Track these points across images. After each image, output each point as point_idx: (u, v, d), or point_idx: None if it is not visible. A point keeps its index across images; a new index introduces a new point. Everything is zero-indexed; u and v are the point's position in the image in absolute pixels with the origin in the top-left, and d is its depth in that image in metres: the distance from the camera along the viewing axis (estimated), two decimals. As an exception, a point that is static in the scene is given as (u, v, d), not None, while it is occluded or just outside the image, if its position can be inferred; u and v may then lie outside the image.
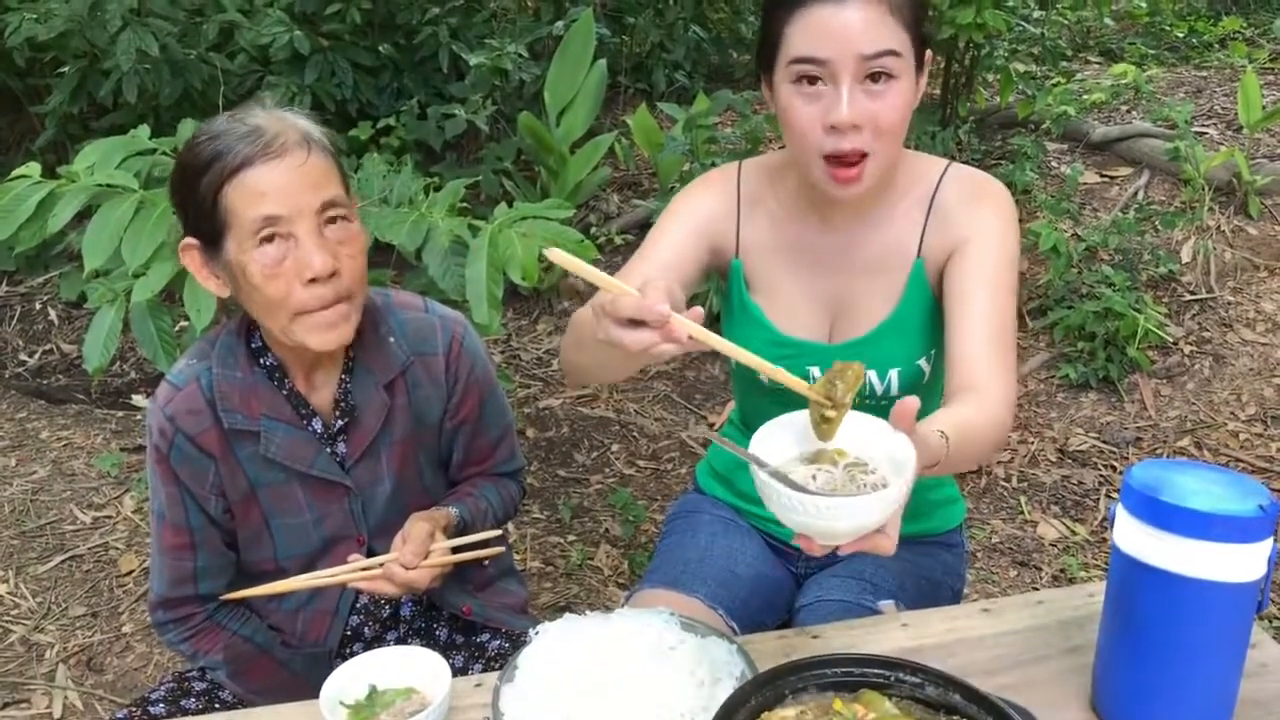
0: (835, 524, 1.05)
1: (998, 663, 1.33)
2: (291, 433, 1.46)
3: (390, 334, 1.50)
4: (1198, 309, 3.60)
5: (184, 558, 1.47)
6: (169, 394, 1.45)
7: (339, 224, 1.35)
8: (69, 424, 3.46)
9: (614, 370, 1.46)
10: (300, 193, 1.31)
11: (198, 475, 1.45)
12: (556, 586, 2.76)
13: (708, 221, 1.58)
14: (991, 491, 3.05)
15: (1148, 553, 1.14)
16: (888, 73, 1.36)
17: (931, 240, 1.51)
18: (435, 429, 1.55)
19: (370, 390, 1.48)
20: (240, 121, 1.33)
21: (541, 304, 4.10)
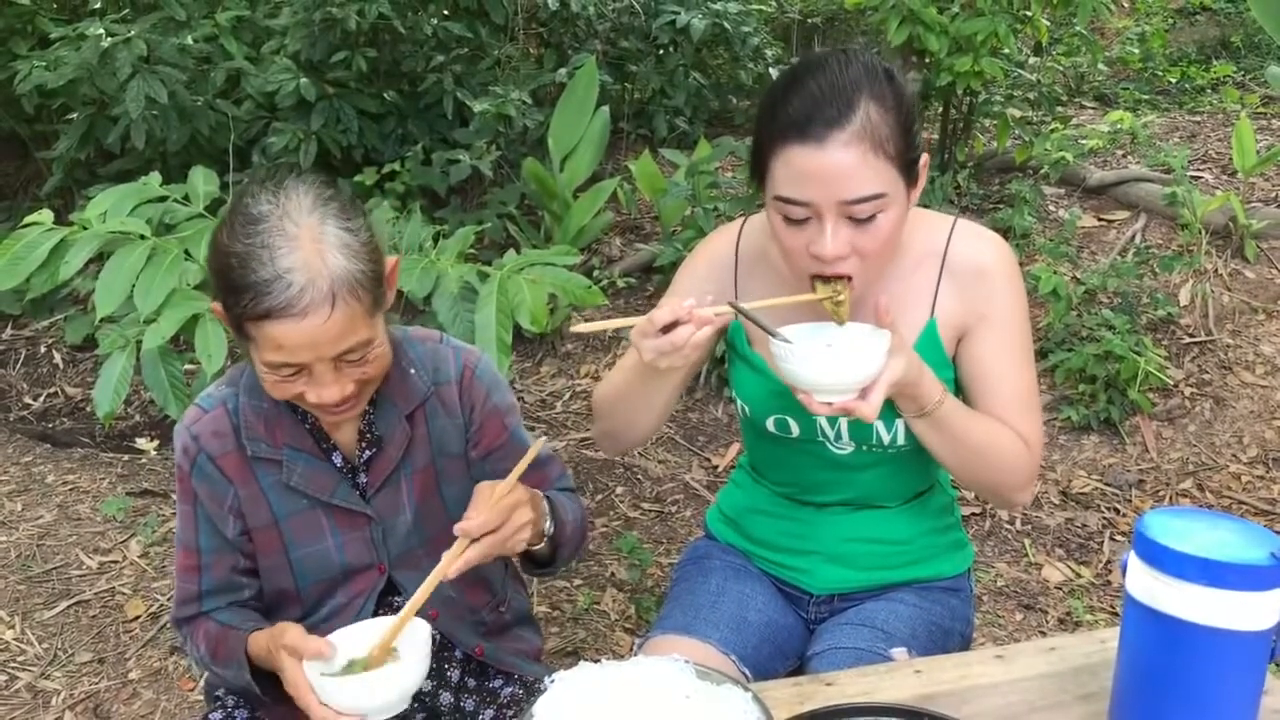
0: (821, 371, 1.34)
1: (1012, 709, 1.34)
2: (313, 464, 1.48)
3: (411, 365, 1.51)
4: (1197, 351, 3.63)
5: (190, 579, 1.50)
6: (196, 415, 1.49)
7: (360, 355, 1.35)
8: (74, 468, 3.46)
9: (659, 398, 1.58)
10: (319, 347, 1.30)
11: (216, 495, 1.48)
12: (564, 631, 2.75)
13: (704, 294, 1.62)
14: (996, 534, 3.06)
15: (1161, 600, 1.15)
16: (873, 210, 1.39)
17: (946, 305, 1.54)
18: (460, 461, 1.55)
19: (394, 421, 1.49)
20: (274, 250, 1.27)
21: (545, 347, 4.12)
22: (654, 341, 1.36)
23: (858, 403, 1.35)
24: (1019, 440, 1.52)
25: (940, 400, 1.45)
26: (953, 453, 1.51)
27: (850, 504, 1.67)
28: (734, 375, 1.66)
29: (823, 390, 1.36)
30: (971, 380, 1.56)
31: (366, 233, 1.35)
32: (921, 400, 1.44)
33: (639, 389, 1.54)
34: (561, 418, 3.80)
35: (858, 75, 1.37)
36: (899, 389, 1.40)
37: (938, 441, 1.50)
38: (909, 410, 1.47)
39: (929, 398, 1.44)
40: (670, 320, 1.34)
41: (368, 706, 1.27)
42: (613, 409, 1.62)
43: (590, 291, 2.37)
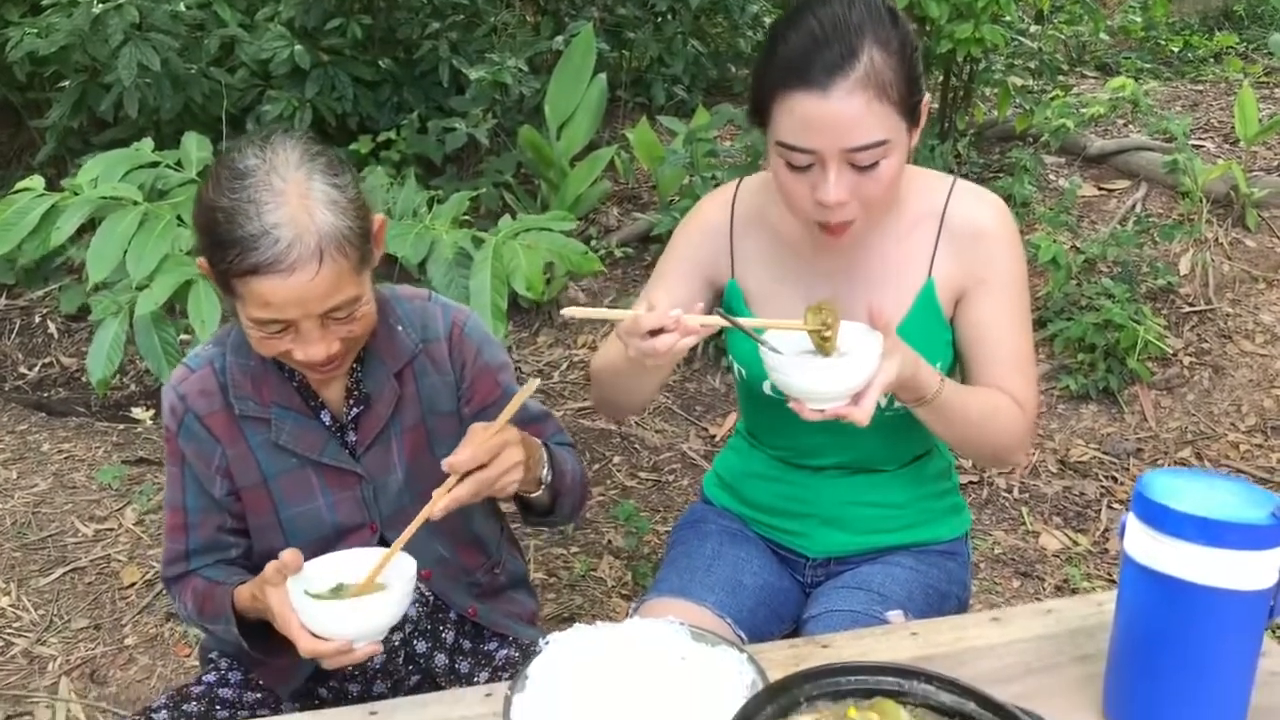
0: (814, 381, 1.32)
1: (1008, 671, 1.33)
2: (301, 422, 1.47)
3: (398, 323, 1.50)
4: (1197, 321, 3.61)
5: (177, 539, 1.50)
6: (183, 375, 1.48)
7: (347, 312, 1.34)
8: (70, 437, 3.45)
9: (648, 383, 1.56)
10: (306, 304, 1.29)
11: (204, 455, 1.47)
12: (560, 598, 2.75)
13: (699, 261, 1.63)
14: (993, 502, 3.05)
15: (1159, 561, 1.15)
16: (876, 157, 1.37)
17: (944, 266, 1.53)
18: (452, 420, 1.54)
19: (382, 379, 1.48)
20: (260, 205, 1.26)
21: (542, 317, 4.11)
22: (638, 342, 1.33)
23: (850, 409, 1.33)
24: (1014, 406, 1.51)
25: (938, 389, 1.43)
26: (950, 431, 1.50)
27: (847, 468, 1.66)
28: (731, 339, 1.65)
29: (814, 399, 1.34)
30: (968, 342, 1.54)
31: (354, 189, 1.34)
32: (919, 391, 1.42)
33: (627, 373, 1.53)
34: (559, 388, 3.78)
35: (860, 17, 1.35)
36: (894, 387, 1.38)
37: (936, 422, 1.48)
38: (907, 400, 1.45)
39: (926, 388, 1.42)
40: (656, 327, 1.31)
41: (352, 631, 1.27)
42: (609, 383, 1.61)
43: (587, 257, 2.35)
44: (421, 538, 1.56)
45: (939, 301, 1.53)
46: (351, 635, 1.28)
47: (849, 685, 1.08)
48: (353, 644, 1.28)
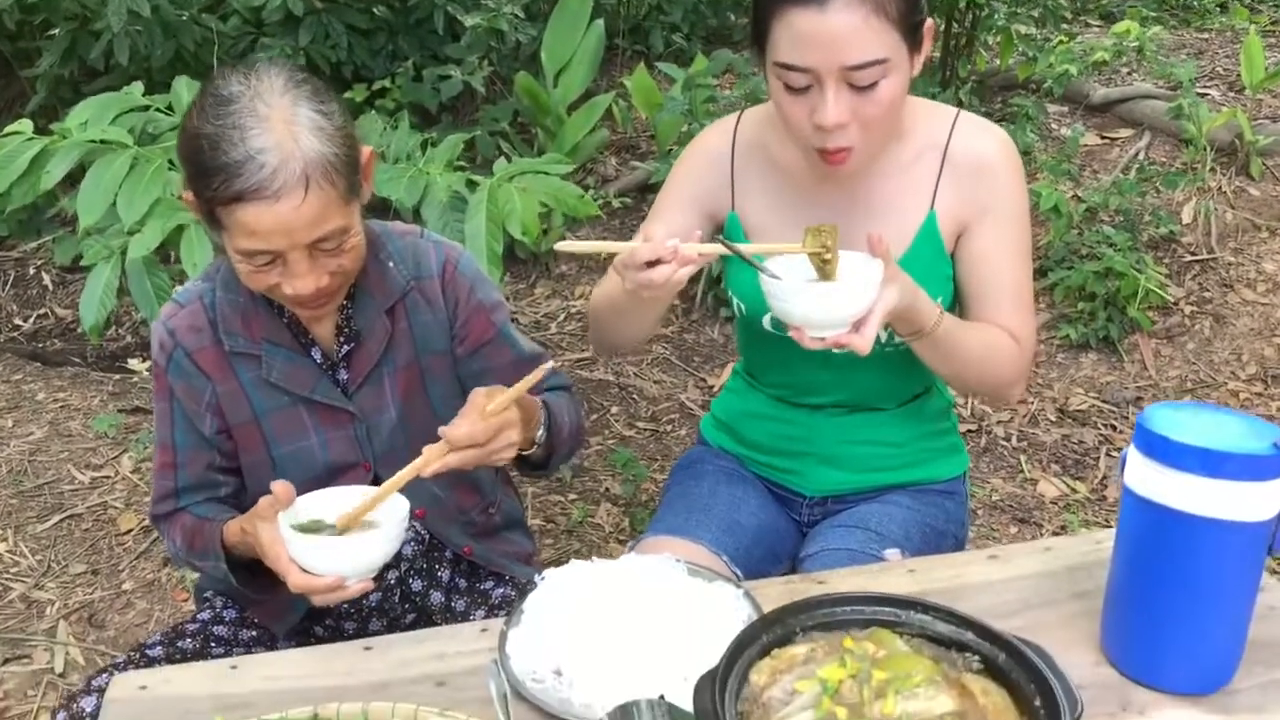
0: (814, 308, 1.30)
1: (1005, 607, 1.33)
2: (292, 359, 1.45)
3: (390, 259, 1.48)
4: (1198, 269, 3.59)
5: (166, 476, 1.49)
6: (172, 310, 1.47)
7: (334, 244, 1.31)
8: (65, 386, 3.44)
9: (646, 318, 1.54)
10: (293, 233, 1.27)
11: (193, 391, 1.46)
12: (558, 543, 2.75)
13: (700, 194, 1.60)
14: (992, 451, 3.05)
15: (1160, 493, 1.13)
16: (875, 77, 1.34)
17: (946, 197, 1.51)
18: (445, 359, 1.52)
19: (373, 315, 1.46)
20: (245, 130, 1.23)
21: (539, 268, 4.08)
22: (635, 275, 1.31)
23: (851, 336, 1.31)
24: (1011, 341, 1.50)
25: (937, 321, 1.41)
26: (948, 366, 1.49)
27: (846, 406, 1.65)
28: (730, 273, 1.62)
29: (814, 326, 1.32)
30: (968, 275, 1.52)
31: (340, 117, 1.31)
32: (917, 324, 1.41)
33: (625, 308, 1.51)
34: (556, 339, 3.77)
35: None
36: (893, 316, 1.36)
37: (932, 357, 1.47)
38: (905, 332, 1.44)
39: (925, 320, 1.41)
40: (652, 258, 1.30)
41: (341, 568, 1.26)
42: (607, 319, 1.59)
43: (583, 201, 2.32)
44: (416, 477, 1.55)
45: (940, 235, 1.51)
46: (341, 572, 1.27)
47: (845, 616, 1.07)
48: (344, 581, 1.27)
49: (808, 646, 1.04)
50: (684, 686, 1.15)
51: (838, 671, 0.99)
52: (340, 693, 1.22)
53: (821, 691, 0.98)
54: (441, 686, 1.24)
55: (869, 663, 1.01)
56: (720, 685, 0.96)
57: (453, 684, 1.25)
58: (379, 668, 1.28)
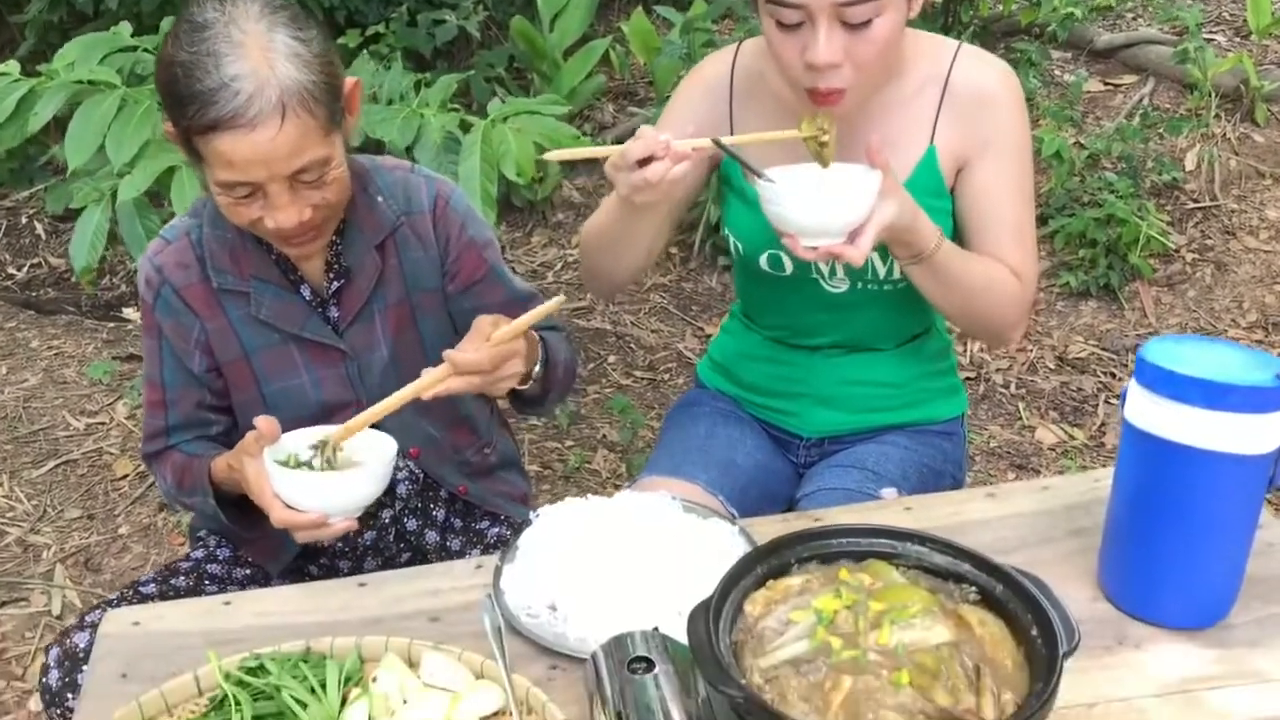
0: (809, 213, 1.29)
1: (1002, 544, 1.32)
2: (281, 295, 1.43)
3: (379, 194, 1.45)
4: (1201, 217, 3.55)
5: (156, 415, 1.48)
6: (159, 247, 1.44)
7: (315, 175, 1.28)
8: (59, 334, 3.42)
9: (639, 236, 1.50)
10: (271, 164, 1.24)
11: (181, 329, 1.44)
12: (554, 489, 2.75)
13: (697, 122, 1.55)
14: (990, 398, 3.04)
15: (1161, 426, 1.12)
16: (869, 14, 1.30)
17: (947, 131, 1.48)
18: (436, 296, 1.50)
19: (362, 251, 1.44)
20: (220, 57, 1.20)
21: (536, 216, 4.05)
22: (628, 176, 1.30)
23: (845, 247, 1.30)
24: (1012, 277, 1.48)
25: (936, 245, 1.39)
26: (946, 297, 1.47)
27: (843, 346, 1.63)
28: (726, 210, 1.60)
29: (809, 233, 1.31)
30: (968, 210, 1.50)
31: (320, 44, 1.28)
32: (916, 246, 1.39)
33: (621, 224, 1.49)
34: (553, 288, 3.74)
35: None
36: (891, 234, 1.34)
37: (931, 286, 1.45)
38: (902, 256, 1.42)
39: (924, 243, 1.38)
40: (645, 155, 1.28)
41: (324, 505, 1.25)
42: (598, 246, 1.56)
43: (578, 141, 2.29)
44: (410, 416, 1.53)
45: (940, 170, 1.48)
46: (325, 509, 1.26)
47: (841, 547, 1.06)
48: (328, 518, 1.26)
49: (803, 578, 1.03)
50: (678, 621, 1.14)
51: (833, 602, 0.99)
52: (333, 628, 1.21)
53: (816, 622, 0.97)
54: (435, 622, 1.24)
55: (865, 594, 1.00)
56: (714, 615, 0.95)
57: (447, 619, 1.24)
58: (373, 604, 1.28)
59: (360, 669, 1.13)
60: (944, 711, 0.89)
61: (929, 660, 0.93)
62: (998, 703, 0.90)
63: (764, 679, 0.92)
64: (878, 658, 0.94)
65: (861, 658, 0.93)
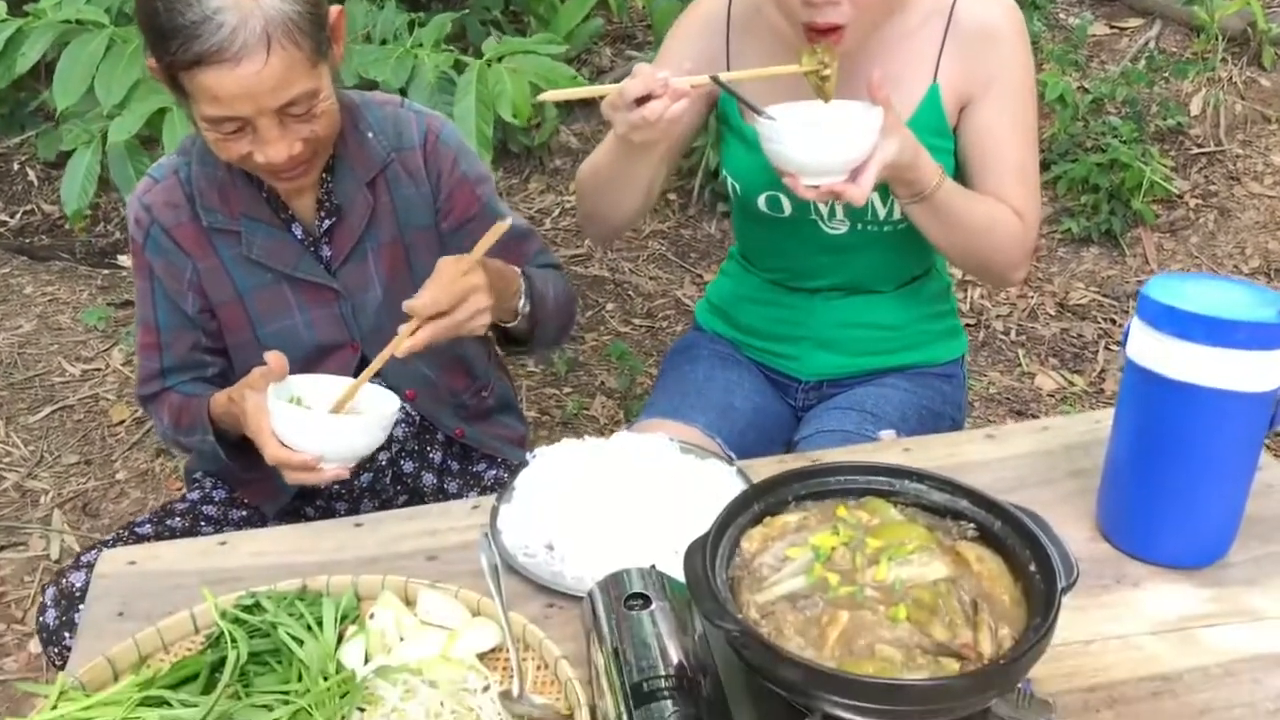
0: (810, 150, 1.26)
1: (1001, 484, 1.31)
2: (273, 234, 1.41)
3: (369, 130, 1.43)
4: (1205, 162, 3.52)
5: (151, 357, 1.47)
6: (148, 186, 1.42)
7: (304, 108, 1.26)
8: (53, 280, 3.40)
9: (637, 177, 1.47)
10: (258, 98, 1.21)
11: (173, 269, 1.42)
12: (552, 435, 2.75)
13: (694, 60, 1.52)
14: (990, 344, 3.03)
15: (1163, 363, 1.11)
16: None
17: (950, 69, 1.45)
18: (429, 234, 1.48)
19: (353, 189, 1.42)
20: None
21: (533, 162, 4.00)
22: (626, 115, 1.27)
23: (846, 185, 1.28)
24: (1014, 217, 1.46)
25: (938, 184, 1.37)
26: (947, 237, 1.45)
27: (843, 289, 1.62)
28: (724, 151, 1.57)
29: (810, 171, 1.29)
30: (970, 149, 1.47)
31: None
32: (917, 185, 1.37)
33: (619, 165, 1.46)
34: (551, 235, 3.71)
35: None
36: (892, 172, 1.32)
37: (933, 226, 1.43)
38: (904, 195, 1.40)
39: (925, 181, 1.36)
40: (643, 93, 1.26)
41: (319, 448, 1.25)
42: (595, 188, 1.54)
43: (575, 81, 2.25)
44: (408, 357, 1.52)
45: (943, 108, 1.45)
46: (319, 451, 1.25)
47: (838, 485, 1.05)
48: (320, 462, 1.25)
49: (800, 515, 1.02)
50: (675, 560, 1.13)
51: (830, 539, 0.98)
52: (330, 567, 1.21)
53: (813, 558, 0.96)
54: (433, 561, 1.24)
55: (862, 531, 1.00)
56: (711, 551, 0.94)
57: (444, 559, 1.24)
58: (369, 544, 1.28)
59: (357, 607, 1.13)
60: (941, 646, 0.88)
61: (926, 596, 0.92)
62: (995, 637, 0.89)
63: (760, 614, 0.92)
64: (874, 593, 0.93)
65: (858, 593, 0.93)
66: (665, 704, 0.92)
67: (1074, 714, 1.01)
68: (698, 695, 0.94)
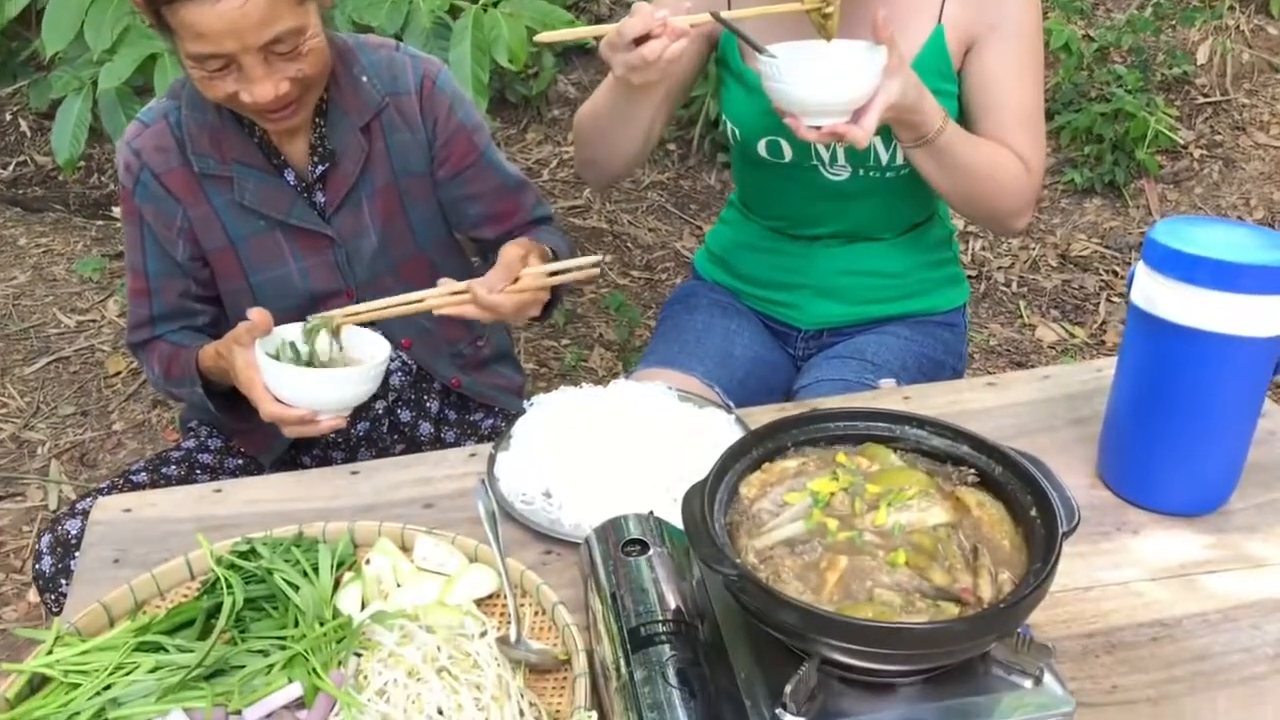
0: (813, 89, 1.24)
1: (1002, 432, 1.31)
2: (265, 180, 1.39)
3: (363, 73, 1.39)
4: (1211, 112, 3.48)
5: (141, 304, 1.45)
6: (137, 130, 1.39)
7: (290, 45, 1.23)
8: (47, 231, 3.37)
9: (636, 119, 1.45)
10: (242, 34, 1.18)
11: (164, 216, 1.40)
12: (550, 386, 2.71)
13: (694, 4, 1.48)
14: (990, 296, 3.01)
15: (1169, 309, 1.09)
16: None
17: (955, 10, 1.42)
18: (424, 181, 1.45)
19: (347, 133, 1.39)
20: None
21: (530, 112, 3.96)
22: (625, 55, 1.25)
23: (849, 126, 1.25)
24: (1019, 164, 1.44)
25: (941, 127, 1.35)
26: (950, 182, 1.42)
27: (843, 236, 1.60)
28: (724, 95, 1.54)
29: (812, 112, 1.26)
30: (975, 94, 1.45)
31: None
32: (921, 128, 1.34)
33: (618, 108, 1.44)
34: (549, 186, 3.68)
35: None
36: (896, 114, 1.30)
37: (936, 171, 1.41)
38: (907, 139, 1.37)
39: (929, 124, 1.34)
40: (641, 32, 1.23)
41: (313, 401, 1.24)
42: (594, 132, 1.51)
43: (573, 25, 2.21)
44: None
45: (948, 50, 1.42)
46: (314, 404, 1.24)
47: (838, 431, 1.04)
48: (316, 414, 1.24)
49: (799, 460, 1.01)
50: (673, 507, 1.13)
51: (829, 484, 0.97)
52: (326, 514, 1.20)
53: (812, 503, 0.95)
54: (429, 508, 1.23)
55: (861, 476, 0.98)
56: (709, 496, 0.93)
57: (441, 506, 1.24)
58: (365, 491, 1.27)
59: (353, 553, 1.12)
60: (940, 590, 0.87)
61: (926, 541, 0.91)
62: (995, 581, 0.88)
63: (759, 559, 0.91)
64: (874, 538, 0.92)
65: (857, 538, 0.92)
66: (663, 648, 0.91)
67: (1073, 659, 1.01)
68: (695, 640, 0.93)
